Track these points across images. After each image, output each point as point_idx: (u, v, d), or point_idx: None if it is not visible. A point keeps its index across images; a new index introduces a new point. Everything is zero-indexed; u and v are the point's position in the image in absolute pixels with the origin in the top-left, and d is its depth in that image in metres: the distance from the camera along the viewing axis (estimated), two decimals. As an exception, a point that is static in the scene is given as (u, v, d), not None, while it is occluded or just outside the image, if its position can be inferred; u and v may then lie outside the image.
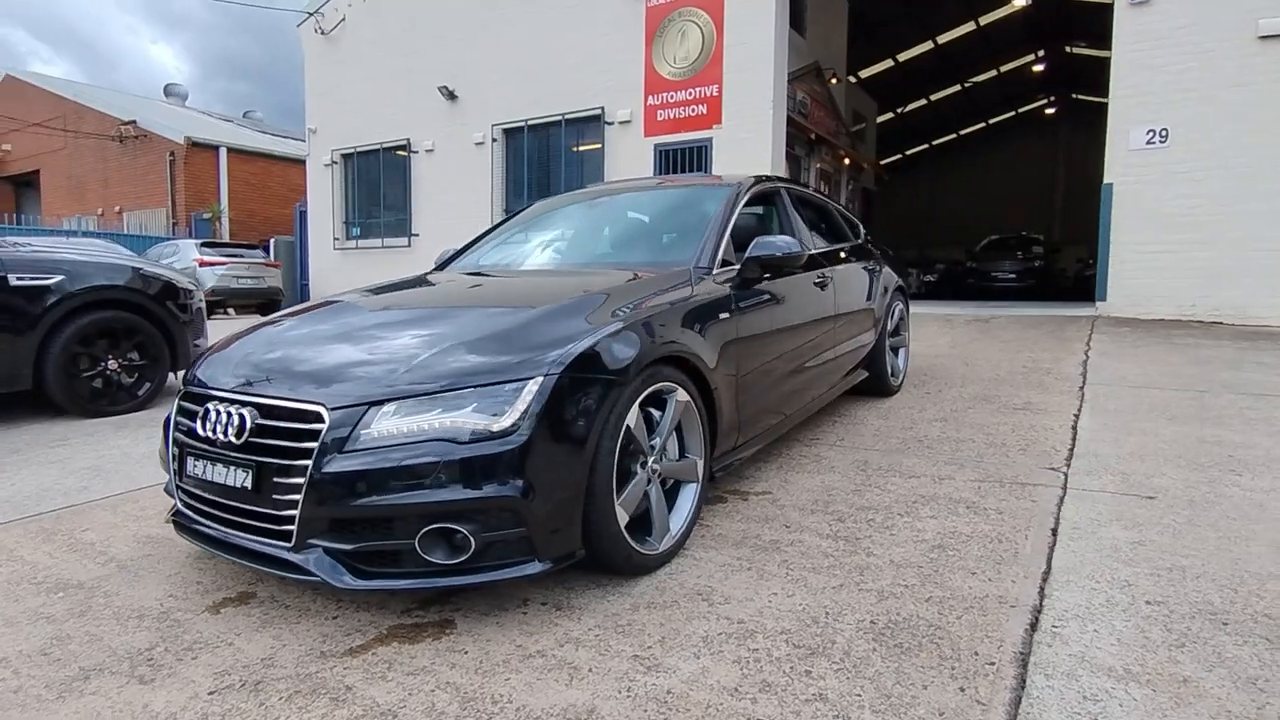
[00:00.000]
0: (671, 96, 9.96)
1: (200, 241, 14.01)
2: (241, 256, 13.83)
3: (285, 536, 1.85)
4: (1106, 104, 7.90)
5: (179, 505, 2.16)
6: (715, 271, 2.73)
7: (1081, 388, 4.54)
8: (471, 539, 1.78)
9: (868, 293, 4.14)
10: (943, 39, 19.77)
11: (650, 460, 2.20)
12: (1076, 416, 3.90)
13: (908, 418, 3.99)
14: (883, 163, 21.24)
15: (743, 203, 3.14)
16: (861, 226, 4.67)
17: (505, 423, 1.82)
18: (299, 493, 1.81)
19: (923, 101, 24.42)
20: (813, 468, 3.19)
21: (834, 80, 12.77)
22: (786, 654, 1.73)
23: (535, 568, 1.86)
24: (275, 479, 1.85)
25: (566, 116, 11.01)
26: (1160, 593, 1.97)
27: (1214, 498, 2.66)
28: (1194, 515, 2.51)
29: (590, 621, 1.92)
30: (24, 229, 17.52)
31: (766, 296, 2.89)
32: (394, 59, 13.18)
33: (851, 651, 1.73)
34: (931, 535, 2.42)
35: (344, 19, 14.04)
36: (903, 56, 20.57)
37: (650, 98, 10.16)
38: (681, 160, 10.03)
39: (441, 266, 3.47)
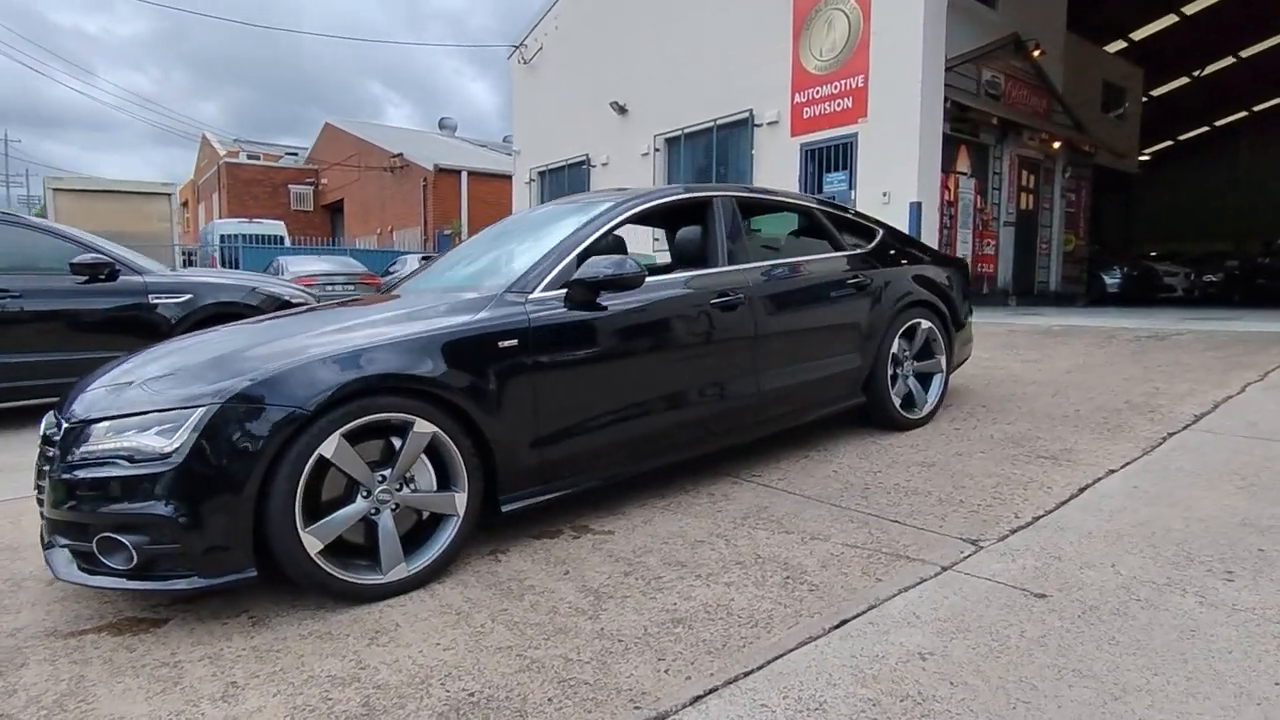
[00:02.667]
0: (817, 92, 9.36)
1: (423, 256, 16.21)
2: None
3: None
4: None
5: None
6: (536, 295, 2.59)
7: (1171, 434, 3.46)
8: (133, 550, 1.96)
9: (851, 309, 3.57)
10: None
11: (378, 490, 2.20)
12: (1111, 473, 3.00)
13: (888, 459, 3.38)
14: (1152, 147, 17.62)
15: (612, 221, 2.93)
16: (880, 231, 4.03)
17: (171, 447, 1.96)
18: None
19: (1220, 64, 19.83)
20: (695, 508, 2.87)
21: (1038, 53, 10.95)
22: (349, 712, 1.65)
23: (196, 583, 1.97)
24: (38, 483, 2.20)
25: (718, 122, 10.88)
26: (837, 724, 1.51)
27: (1143, 617, 1.93)
28: (1075, 639, 1.84)
29: (249, 642, 1.98)
30: (329, 249, 21.45)
31: (600, 321, 2.67)
32: (578, 80, 14.06)
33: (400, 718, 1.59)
34: (691, 606, 2.08)
35: (541, 48, 15.30)
36: (1190, 9, 16.87)
37: (797, 95, 9.64)
38: (826, 159, 9.37)
39: (389, 289, 3.71)
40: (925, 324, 3.92)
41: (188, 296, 5.33)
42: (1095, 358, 5.42)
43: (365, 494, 2.19)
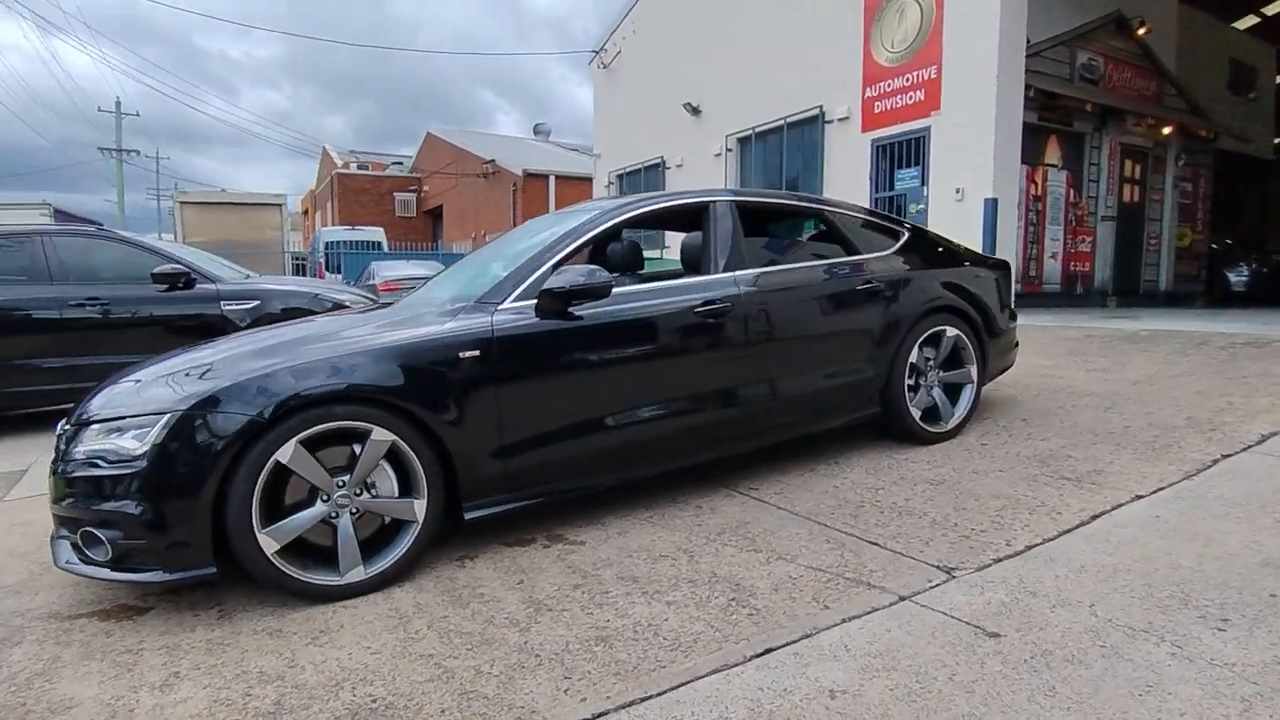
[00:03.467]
0: (888, 85, 8.96)
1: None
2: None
3: (56, 524, 2.41)
4: None
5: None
6: (506, 305, 2.62)
7: (1225, 456, 3.09)
8: (108, 544, 2.13)
9: (861, 317, 3.40)
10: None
11: (336, 495, 2.29)
12: (1137, 499, 2.72)
13: (897, 475, 3.20)
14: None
15: (594, 231, 2.92)
16: (906, 233, 3.80)
17: (141, 450, 2.12)
18: (54, 491, 2.35)
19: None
20: (676, 521, 2.83)
21: (1143, 30, 10.02)
22: (261, 709, 1.73)
23: (159, 576, 2.13)
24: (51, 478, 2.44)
25: (788, 120, 10.62)
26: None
27: (1099, 667, 1.74)
28: (1009, 687, 1.69)
29: (208, 635, 2.11)
30: (421, 254, 22.59)
31: (570, 332, 2.66)
32: (654, 82, 14.10)
33: (298, 722, 1.66)
34: (623, 624, 2.05)
35: (620, 51, 15.44)
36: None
37: (868, 89, 9.27)
38: (898, 155, 8.96)
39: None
40: (952, 331, 3.67)
41: (255, 303, 5.74)
42: (1174, 367, 4.91)
43: (325, 498, 2.29)
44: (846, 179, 9.71)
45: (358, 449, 2.32)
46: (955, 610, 2.01)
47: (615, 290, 2.80)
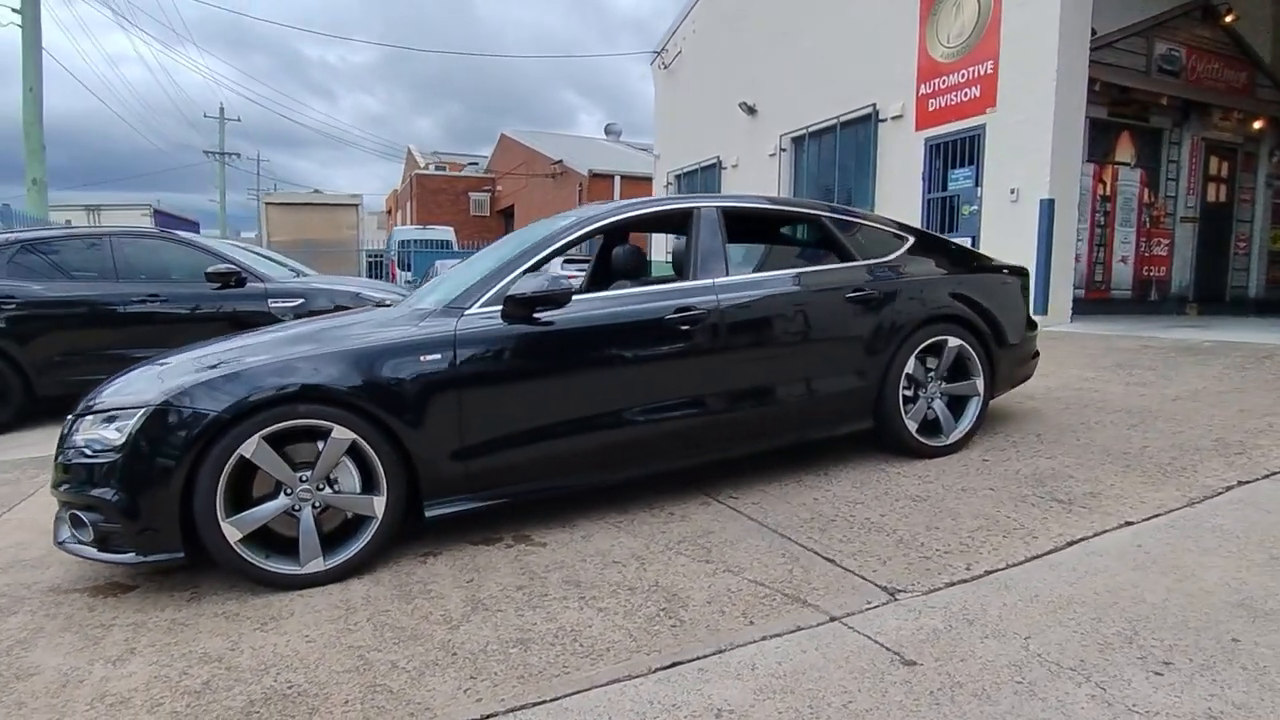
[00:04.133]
0: (943, 81, 8.62)
1: (564, 259, 16.96)
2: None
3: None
4: None
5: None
6: (473, 310, 2.70)
7: (1242, 483, 2.86)
8: (90, 527, 2.32)
9: (850, 324, 3.30)
10: None
11: (299, 489, 2.42)
12: (1126, 525, 2.56)
13: (882, 489, 3.11)
14: None
15: (569, 237, 2.95)
16: (911, 239, 3.67)
17: (119, 441, 2.30)
18: (59, 475, 2.57)
19: None
20: (643, 527, 2.83)
21: (1230, 18, 9.25)
22: (190, 687, 1.86)
23: (131, 558, 2.30)
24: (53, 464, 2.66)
25: (841, 119, 10.36)
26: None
27: (1004, 705, 1.67)
28: (901, 718, 1.64)
29: (174, 615, 2.27)
30: None
31: (533, 337, 2.70)
32: (712, 82, 14.02)
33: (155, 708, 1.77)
34: (548, 629, 2.08)
35: (680, 52, 15.42)
36: None
37: (922, 86, 8.95)
38: (952, 154, 8.61)
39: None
40: (954, 342, 3.52)
41: (299, 301, 6.05)
42: (1225, 383, 4.54)
43: (288, 492, 2.42)
44: (899, 179, 9.41)
45: (321, 446, 2.44)
46: (881, 634, 1.95)
47: (590, 296, 2.84)
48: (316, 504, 2.45)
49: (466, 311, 2.70)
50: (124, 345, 5.50)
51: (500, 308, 2.71)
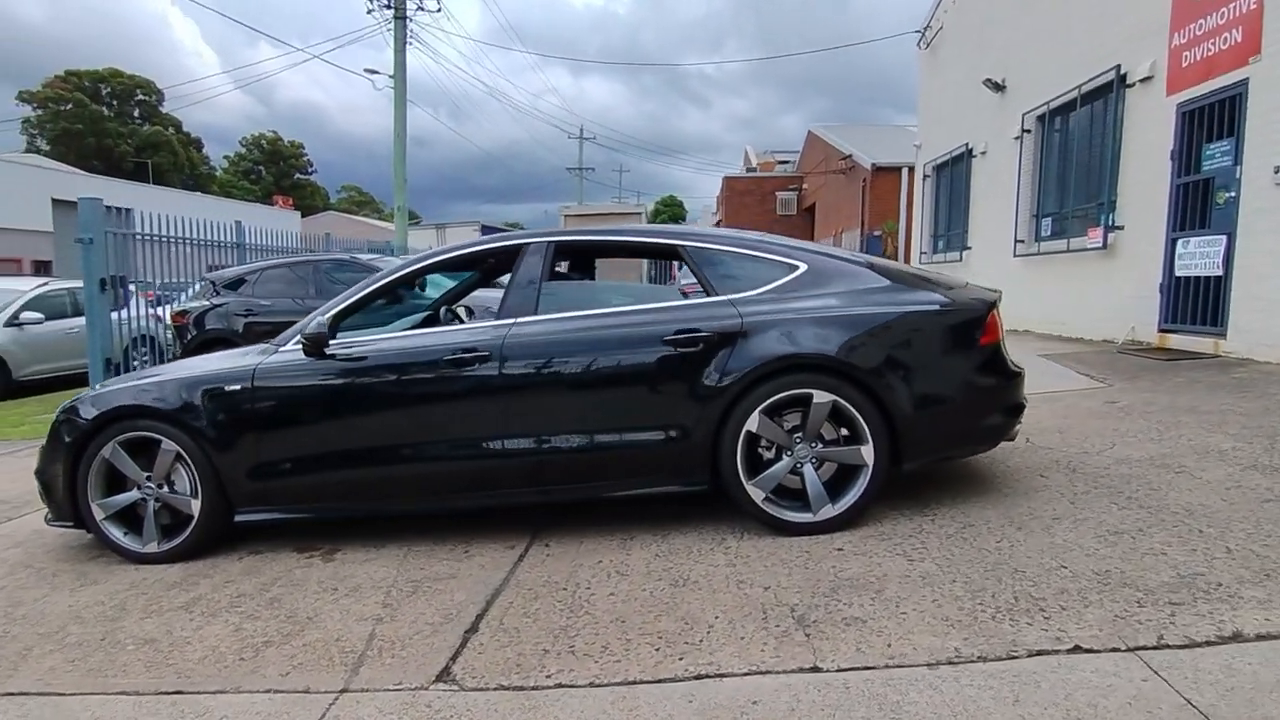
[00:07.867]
0: (1199, 26, 6.44)
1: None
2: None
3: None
4: None
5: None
6: (287, 346, 3.18)
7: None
8: (46, 502, 3.38)
9: (670, 372, 2.95)
10: None
11: (143, 484, 3.19)
12: (889, 666, 2.00)
13: (674, 565, 2.78)
14: None
15: (389, 280, 3.26)
16: (801, 268, 3.07)
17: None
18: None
19: None
20: (428, 558, 3.03)
21: None
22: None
23: (49, 525, 3.29)
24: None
25: (1082, 89, 8.33)
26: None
27: None
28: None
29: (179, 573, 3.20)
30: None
31: (319, 375, 3.06)
32: (964, 60, 12.27)
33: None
34: (236, 644, 2.47)
35: (941, 27, 13.73)
36: None
37: (1175, 35, 6.78)
38: (1206, 123, 6.41)
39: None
40: (823, 397, 2.90)
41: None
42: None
43: (139, 487, 3.20)
44: (1143, 163, 7.28)
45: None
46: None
47: (380, 335, 3.15)
48: (155, 498, 3.18)
49: (282, 348, 3.21)
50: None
51: (302, 344, 3.13)
